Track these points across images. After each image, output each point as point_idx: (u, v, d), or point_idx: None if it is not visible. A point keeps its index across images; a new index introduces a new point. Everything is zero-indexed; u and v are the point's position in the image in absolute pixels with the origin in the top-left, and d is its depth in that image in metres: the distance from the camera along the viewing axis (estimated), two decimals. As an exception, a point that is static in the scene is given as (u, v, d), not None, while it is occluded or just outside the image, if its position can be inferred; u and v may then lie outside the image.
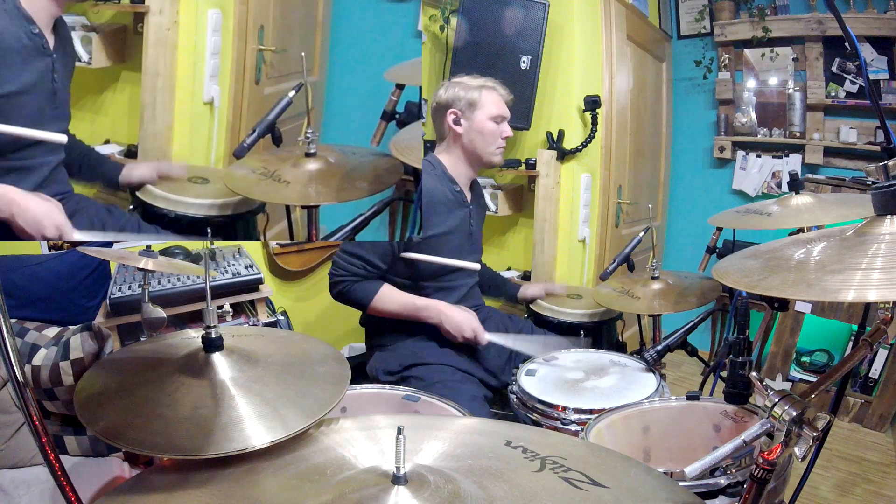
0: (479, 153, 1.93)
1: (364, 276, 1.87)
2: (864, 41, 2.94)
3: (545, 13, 2.46)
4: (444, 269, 1.92)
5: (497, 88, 1.94)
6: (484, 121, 1.90)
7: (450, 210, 1.92)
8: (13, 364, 0.80)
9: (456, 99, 1.90)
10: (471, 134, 1.91)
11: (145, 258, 1.50)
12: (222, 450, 0.80)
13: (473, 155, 1.94)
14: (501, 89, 1.95)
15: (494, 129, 1.91)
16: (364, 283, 1.87)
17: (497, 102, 1.92)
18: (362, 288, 1.87)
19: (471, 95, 1.89)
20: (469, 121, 1.90)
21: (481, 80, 1.93)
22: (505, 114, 1.94)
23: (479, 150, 1.92)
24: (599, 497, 0.75)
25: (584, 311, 2.64)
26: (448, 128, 1.92)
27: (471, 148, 1.92)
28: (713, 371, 1.99)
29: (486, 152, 1.93)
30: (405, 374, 1.86)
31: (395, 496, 0.72)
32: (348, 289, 1.87)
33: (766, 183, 3.42)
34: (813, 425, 0.74)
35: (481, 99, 1.89)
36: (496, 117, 1.91)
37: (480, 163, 1.96)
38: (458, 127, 1.91)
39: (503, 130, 1.93)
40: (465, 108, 1.90)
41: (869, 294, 0.71)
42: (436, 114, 1.94)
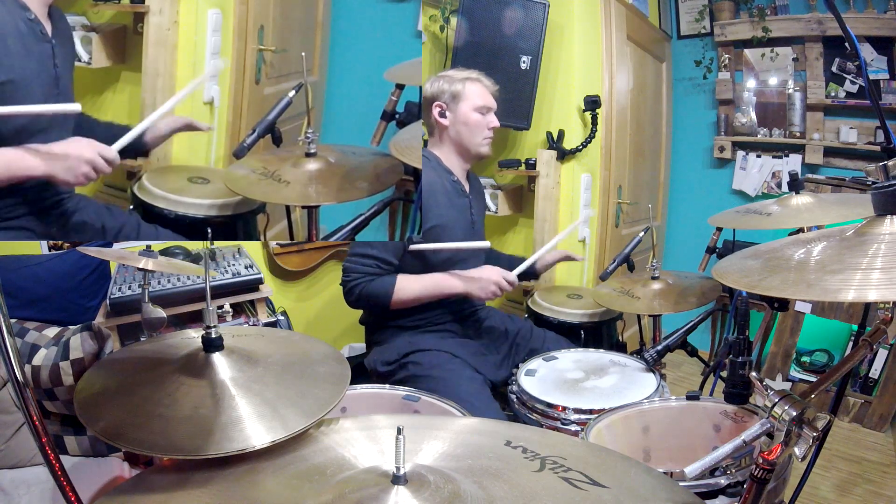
0: (467, 144, 1.94)
1: (378, 274, 1.87)
2: (864, 41, 2.94)
3: (545, 13, 2.46)
4: (452, 258, 1.93)
5: (481, 80, 1.95)
6: (468, 112, 1.91)
7: (450, 200, 1.93)
8: (13, 364, 0.80)
9: (440, 92, 1.91)
10: (457, 126, 1.92)
11: (145, 258, 1.50)
12: (222, 450, 0.80)
13: (461, 146, 1.95)
14: (486, 80, 1.96)
15: (479, 120, 1.92)
16: (378, 279, 1.87)
17: (481, 93, 1.93)
18: (379, 284, 1.86)
19: (454, 88, 1.91)
20: (454, 113, 1.91)
21: (466, 73, 1.95)
22: (490, 104, 1.95)
23: (465, 142, 1.94)
24: (599, 497, 0.75)
25: (584, 311, 2.64)
26: (435, 121, 1.93)
27: (458, 140, 1.94)
28: (713, 371, 1.99)
29: (472, 143, 1.94)
30: (403, 362, 1.86)
31: (395, 496, 0.72)
32: (365, 289, 1.86)
33: (766, 183, 3.42)
34: (813, 425, 0.74)
35: (465, 91, 1.90)
36: (481, 108, 1.92)
37: (469, 154, 1.97)
38: (443, 119, 1.92)
39: (489, 121, 1.94)
40: (450, 101, 1.91)
41: (869, 294, 0.71)
42: (424, 108, 1.95)
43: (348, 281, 1.88)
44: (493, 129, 1.96)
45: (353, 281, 1.87)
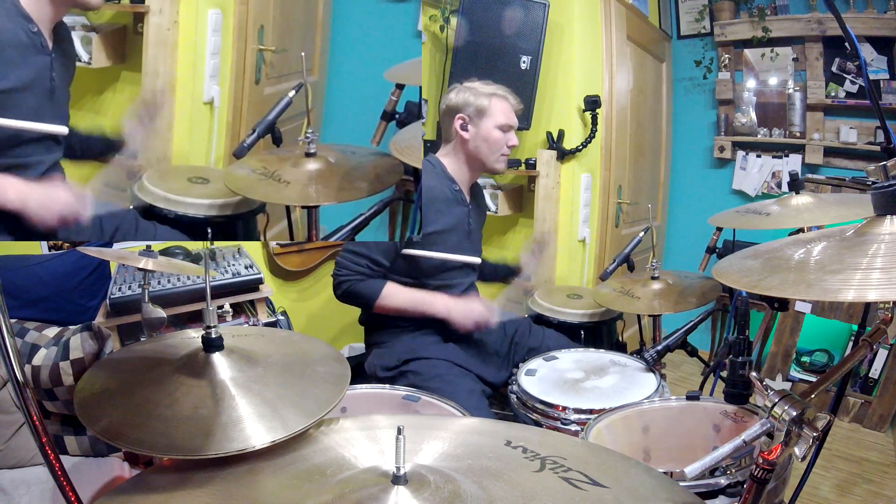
0: (483, 160, 1.94)
1: (368, 275, 1.87)
2: (864, 41, 2.94)
3: (545, 13, 2.46)
4: (443, 266, 1.93)
5: (508, 98, 1.94)
6: (491, 129, 1.90)
7: (448, 207, 1.93)
8: (13, 364, 0.80)
9: (465, 104, 1.90)
10: (477, 140, 1.91)
11: (145, 258, 1.50)
12: (222, 450, 0.80)
13: (477, 160, 1.94)
14: (512, 98, 1.95)
15: (500, 138, 1.91)
16: (368, 280, 1.87)
17: (506, 112, 1.92)
18: (367, 286, 1.87)
19: (480, 102, 1.90)
20: (476, 127, 1.90)
21: (493, 88, 1.93)
22: (513, 123, 1.94)
23: (482, 157, 1.93)
24: (599, 497, 0.75)
25: (584, 311, 2.64)
26: (455, 132, 1.92)
27: (475, 154, 1.93)
28: (713, 371, 1.99)
29: (489, 159, 1.94)
30: (403, 369, 1.87)
31: (395, 496, 0.72)
32: (353, 287, 1.87)
33: (766, 183, 3.42)
34: (813, 425, 0.74)
35: (490, 107, 1.90)
36: (503, 126, 1.91)
37: (483, 168, 1.97)
38: (464, 132, 1.91)
39: (509, 139, 1.93)
40: (474, 115, 1.90)
41: (869, 294, 0.71)
42: (444, 116, 1.95)
43: (339, 275, 1.90)
44: (512, 147, 1.95)
45: (343, 277, 1.88)
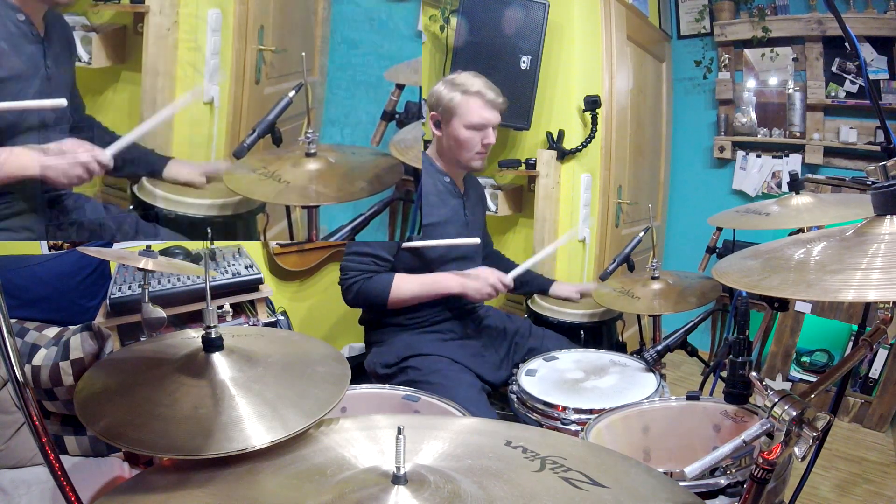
0: (457, 157, 1.93)
1: (375, 271, 1.87)
2: (864, 41, 2.94)
3: (545, 13, 2.46)
4: (445, 255, 1.93)
5: (484, 93, 1.86)
6: (458, 128, 1.86)
7: (442, 200, 1.93)
8: (13, 364, 0.80)
9: (437, 103, 1.88)
10: (448, 140, 1.90)
11: (145, 258, 1.50)
12: (222, 450, 0.80)
13: (452, 158, 1.94)
14: (490, 93, 1.87)
15: (470, 138, 1.86)
16: (376, 276, 1.87)
17: (478, 110, 1.85)
18: (377, 281, 1.86)
19: (450, 101, 1.85)
20: (447, 126, 1.89)
21: (469, 83, 1.86)
22: (486, 122, 1.87)
23: (455, 155, 1.92)
24: (599, 497, 0.75)
25: (584, 311, 2.64)
26: (431, 128, 1.93)
27: (449, 153, 1.93)
28: (713, 371, 1.99)
29: (463, 158, 1.92)
30: (402, 366, 1.87)
31: (395, 496, 0.72)
32: (363, 287, 1.86)
33: (766, 183, 3.42)
34: (813, 425, 0.74)
35: (460, 106, 1.85)
36: (475, 125, 1.86)
37: (460, 166, 1.96)
38: (437, 130, 1.91)
39: (484, 137, 1.88)
40: (444, 114, 1.88)
41: (869, 294, 0.71)
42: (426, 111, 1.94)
43: (346, 279, 1.88)
44: (487, 145, 1.90)
45: (351, 279, 1.87)
